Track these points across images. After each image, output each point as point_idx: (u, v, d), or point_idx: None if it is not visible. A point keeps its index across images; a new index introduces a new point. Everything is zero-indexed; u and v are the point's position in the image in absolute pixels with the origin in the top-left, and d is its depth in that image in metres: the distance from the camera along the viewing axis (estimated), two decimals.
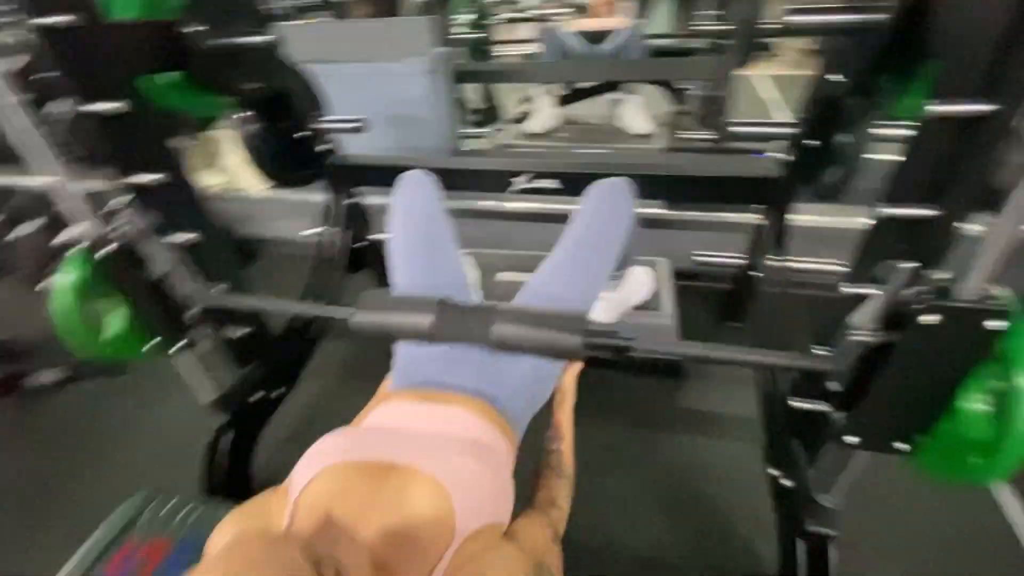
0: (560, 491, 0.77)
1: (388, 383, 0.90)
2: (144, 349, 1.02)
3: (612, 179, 1.07)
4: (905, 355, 0.66)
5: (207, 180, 2.22)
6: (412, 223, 1.03)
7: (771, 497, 1.12)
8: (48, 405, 1.73)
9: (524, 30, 3.29)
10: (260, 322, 1.32)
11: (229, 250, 1.21)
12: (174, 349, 1.05)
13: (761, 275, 1.40)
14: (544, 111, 2.71)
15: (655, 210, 1.83)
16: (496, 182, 1.49)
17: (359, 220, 1.65)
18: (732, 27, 2.05)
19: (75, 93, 0.87)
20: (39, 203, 2.05)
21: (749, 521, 1.23)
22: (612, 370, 1.60)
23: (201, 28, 1.02)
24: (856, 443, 0.77)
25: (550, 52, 2.57)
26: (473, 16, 2.74)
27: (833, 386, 0.81)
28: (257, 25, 1.14)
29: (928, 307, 0.61)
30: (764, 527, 1.14)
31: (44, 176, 0.87)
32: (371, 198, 1.65)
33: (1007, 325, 0.59)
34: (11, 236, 2.03)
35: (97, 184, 0.95)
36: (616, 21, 2.55)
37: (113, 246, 0.92)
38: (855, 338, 0.71)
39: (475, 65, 2.63)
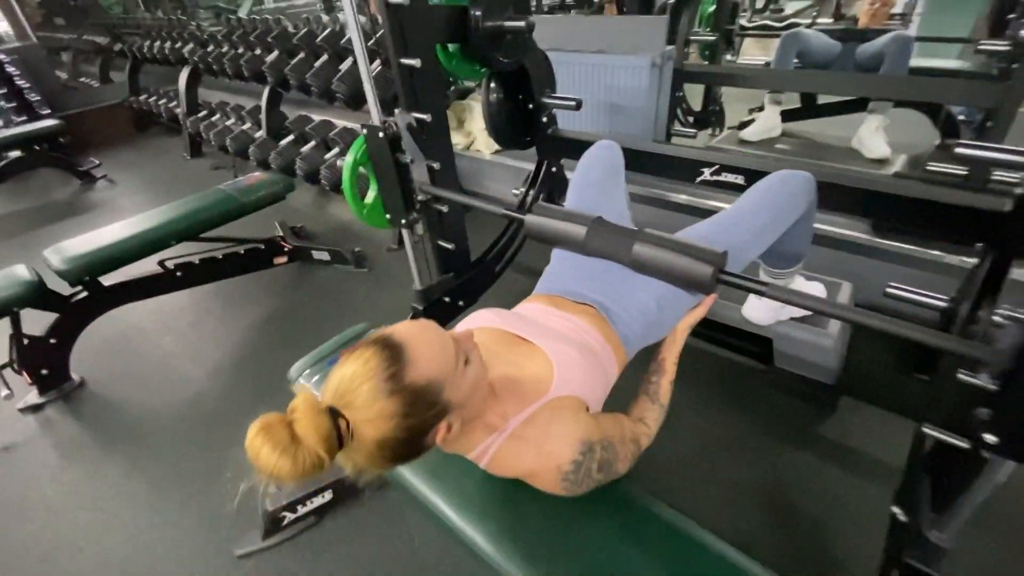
0: (650, 414, 0.91)
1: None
2: (387, 217, 1.44)
3: (795, 171, 1.11)
4: None
5: (454, 139, 2.76)
6: (590, 168, 1.24)
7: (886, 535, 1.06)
8: (318, 273, 2.46)
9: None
10: (462, 242, 1.69)
11: (454, 178, 1.59)
12: (404, 221, 1.45)
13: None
14: (764, 120, 2.63)
15: (853, 232, 1.71)
16: (683, 172, 1.60)
17: (558, 187, 1.93)
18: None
19: (398, 51, 1.29)
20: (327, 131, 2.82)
21: (849, 550, 1.17)
22: (772, 388, 1.59)
23: (479, 12, 1.37)
24: (995, 444, 0.72)
25: (783, 57, 2.47)
26: (712, 18, 2.78)
27: (985, 380, 0.75)
28: (520, 13, 1.46)
29: None
30: (861, 559, 1.09)
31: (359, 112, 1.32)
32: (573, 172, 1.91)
33: None
34: (307, 153, 2.84)
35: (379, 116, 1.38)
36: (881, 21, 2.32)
37: (381, 135, 1.33)
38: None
39: (700, 67, 2.68)
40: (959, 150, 1.09)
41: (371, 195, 1.45)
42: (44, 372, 1.79)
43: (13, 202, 3.66)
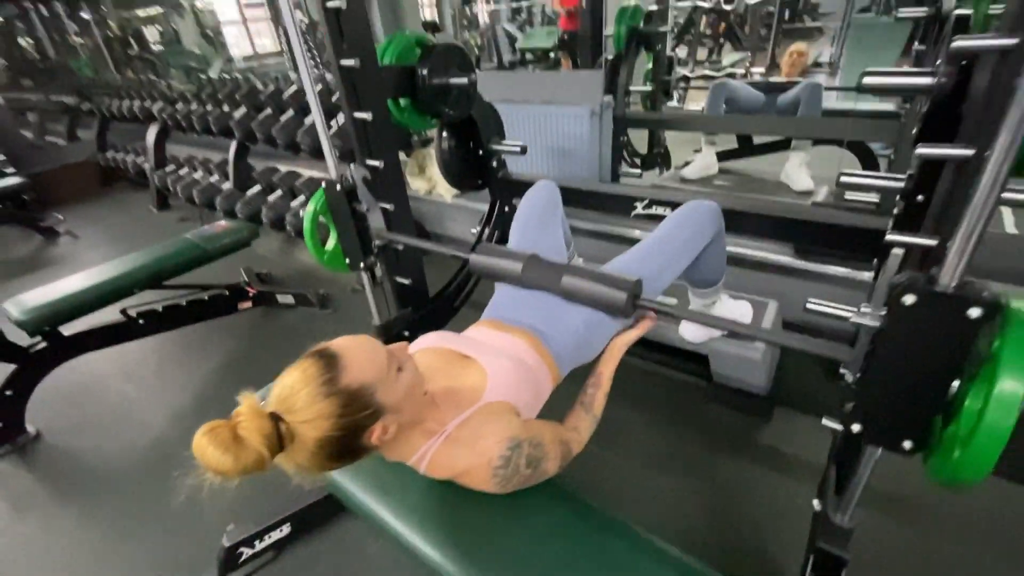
0: (583, 422, 1.00)
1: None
2: (346, 262, 1.53)
3: (702, 201, 1.26)
4: (892, 340, 0.72)
5: (416, 184, 2.91)
6: (531, 207, 1.38)
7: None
8: (284, 316, 2.51)
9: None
10: (419, 279, 1.79)
11: (409, 219, 1.70)
12: (363, 264, 1.54)
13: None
14: (702, 159, 2.87)
15: (778, 256, 1.88)
16: (619, 206, 1.76)
17: (511, 224, 2.06)
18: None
19: (351, 106, 1.42)
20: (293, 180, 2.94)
21: (783, 545, 1.25)
22: (712, 403, 1.70)
23: (426, 71, 1.53)
24: (861, 432, 0.83)
25: (713, 104, 2.74)
26: (649, 70, 3.07)
27: (849, 376, 0.88)
28: (463, 71, 1.62)
29: (904, 287, 0.67)
30: (794, 553, 1.17)
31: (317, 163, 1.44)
32: None
33: (981, 313, 0.63)
34: (273, 202, 2.94)
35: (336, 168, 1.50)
36: (797, 73, 2.61)
37: (338, 188, 1.44)
38: (861, 321, 0.80)
39: (639, 114, 2.93)
40: (843, 179, 1.26)
41: (331, 242, 1.54)
42: None
43: None
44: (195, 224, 3.55)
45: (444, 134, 1.89)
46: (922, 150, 0.77)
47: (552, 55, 6.01)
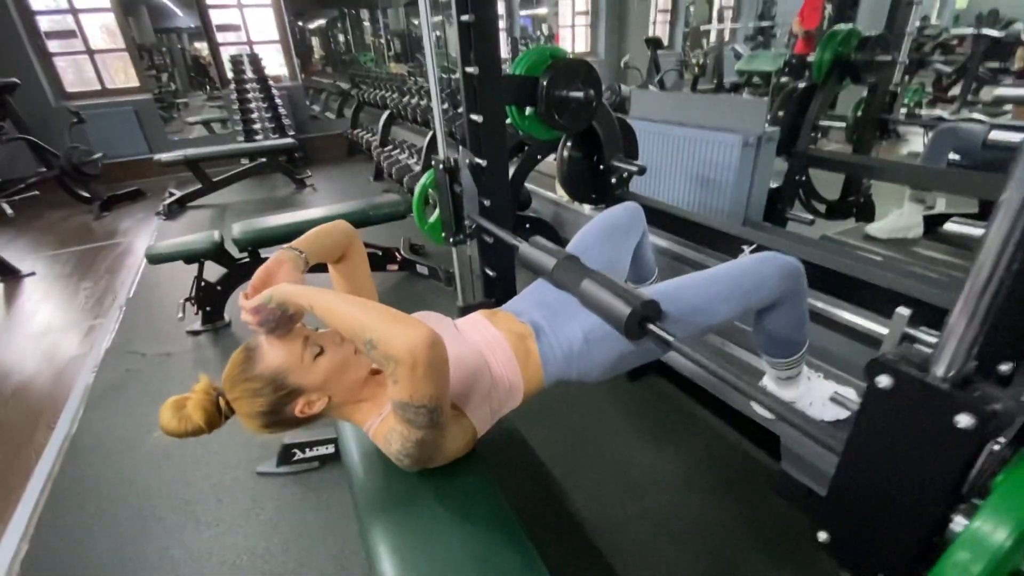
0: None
1: None
2: (442, 235, 1.73)
3: (781, 254, 1.09)
4: (864, 431, 0.58)
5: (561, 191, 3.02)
6: (603, 221, 1.36)
7: None
8: (417, 284, 2.90)
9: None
10: (508, 274, 1.90)
11: (506, 217, 1.82)
12: (452, 240, 1.72)
13: None
14: (899, 218, 2.35)
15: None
16: (728, 245, 1.60)
17: None
18: None
19: (468, 107, 1.59)
20: None
21: None
22: (779, 495, 1.46)
23: (547, 82, 1.61)
24: (828, 544, 0.67)
25: (932, 154, 2.21)
26: (863, 104, 2.60)
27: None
28: (585, 86, 1.66)
29: (881, 364, 0.53)
30: None
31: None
32: None
33: (974, 424, 0.47)
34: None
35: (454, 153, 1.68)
36: None
37: (442, 167, 1.62)
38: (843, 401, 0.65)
39: (828, 153, 2.52)
40: None
41: (433, 216, 1.76)
42: (208, 309, 2.45)
43: (249, 192, 4.95)
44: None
45: (568, 144, 1.96)
46: None
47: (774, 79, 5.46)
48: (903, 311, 0.89)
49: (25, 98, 4.37)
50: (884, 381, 0.54)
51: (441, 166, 1.63)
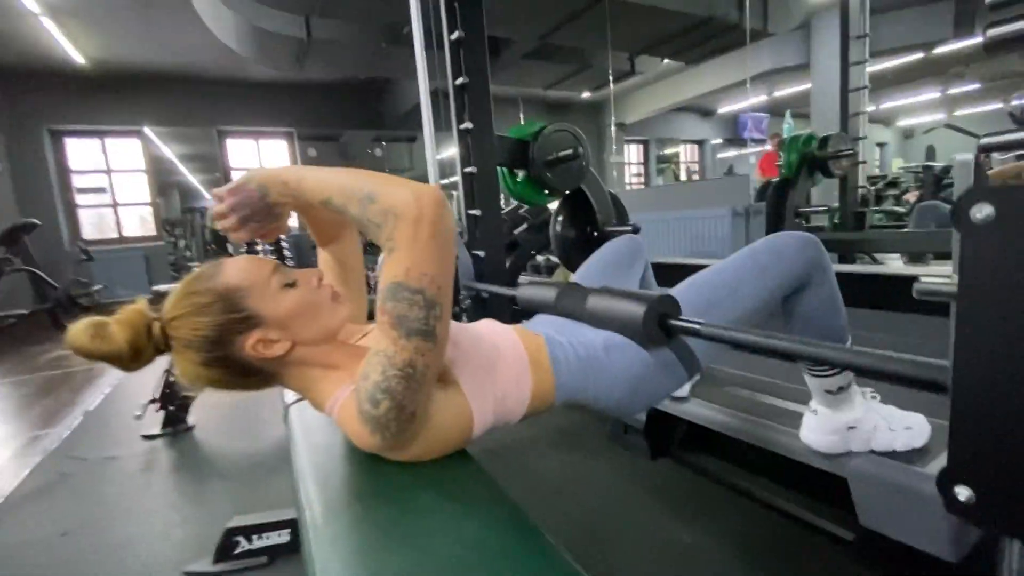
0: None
1: None
2: None
3: (791, 232, 1.01)
4: (974, 299, 0.42)
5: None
6: (605, 252, 1.29)
7: None
8: None
9: None
10: None
11: (502, 269, 1.74)
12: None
13: None
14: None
15: None
16: None
17: None
18: None
19: (462, 162, 1.65)
20: None
21: None
22: (861, 567, 1.14)
23: (537, 144, 1.70)
24: (972, 504, 0.46)
25: (921, 224, 2.26)
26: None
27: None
28: (570, 147, 1.74)
29: (967, 196, 0.41)
30: None
31: None
32: None
33: None
34: None
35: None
36: None
37: None
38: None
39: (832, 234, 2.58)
40: None
41: None
42: (171, 409, 2.20)
43: None
44: None
45: (559, 218, 1.99)
46: None
47: None
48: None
49: (41, 239, 4.59)
50: (983, 211, 0.41)
51: None
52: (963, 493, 0.47)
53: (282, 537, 1.28)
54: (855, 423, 1.09)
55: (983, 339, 0.42)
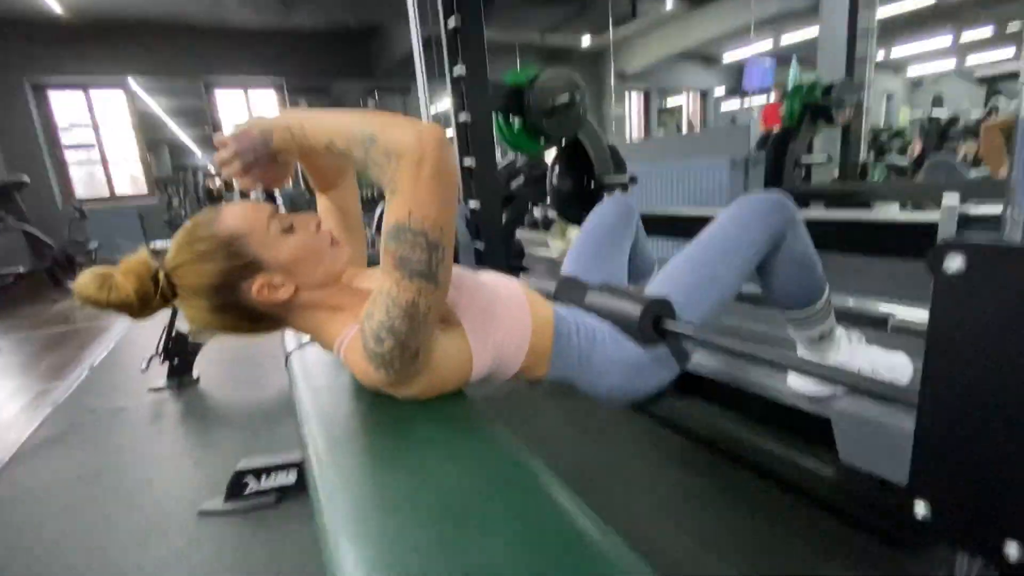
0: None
1: None
2: None
3: (760, 193, 0.99)
4: (942, 337, 0.46)
5: (555, 244, 3.00)
6: (591, 227, 1.24)
7: None
8: None
9: None
10: None
11: (501, 260, 1.74)
12: None
13: None
14: None
15: None
16: None
17: None
18: None
19: (460, 110, 1.60)
20: None
21: None
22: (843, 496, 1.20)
23: (533, 90, 1.65)
24: (927, 521, 0.50)
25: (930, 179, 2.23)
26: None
27: None
28: (567, 93, 1.70)
29: (943, 247, 0.44)
30: None
31: None
32: None
33: None
34: None
35: None
36: None
37: None
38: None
39: (813, 187, 2.55)
40: None
41: None
42: (175, 361, 2.25)
43: None
44: None
45: (556, 168, 1.96)
46: None
47: None
48: (951, 195, 0.77)
49: (34, 198, 4.53)
50: (955, 263, 0.43)
51: None
52: (920, 509, 0.50)
53: (289, 477, 1.34)
54: (840, 366, 1.12)
55: (948, 376, 0.46)
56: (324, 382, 0.89)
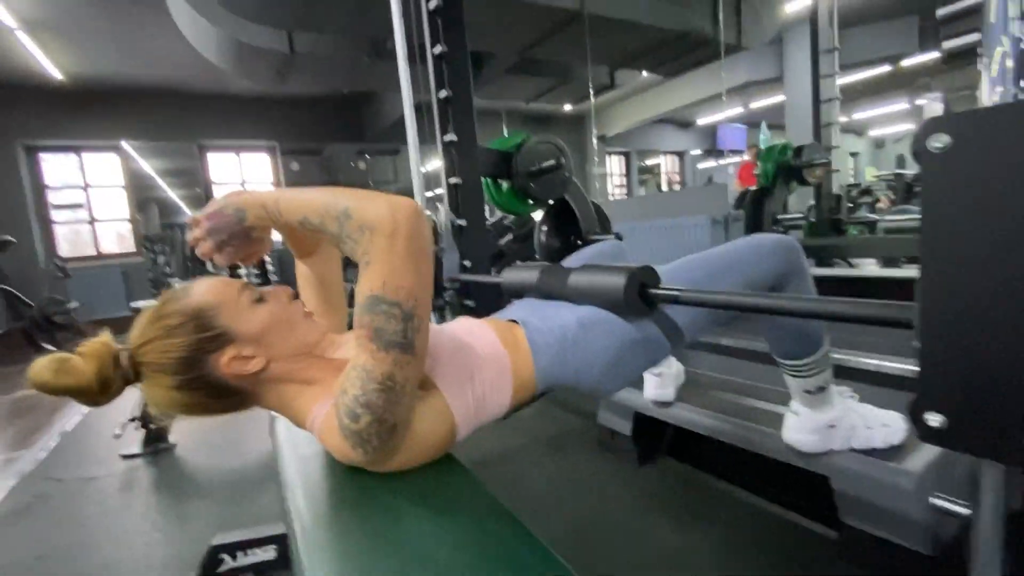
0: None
1: None
2: None
3: (771, 234, 1.05)
4: (936, 226, 0.44)
5: None
6: (589, 252, 1.30)
7: None
8: None
9: None
10: None
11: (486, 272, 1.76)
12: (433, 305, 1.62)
13: None
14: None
15: None
16: None
17: None
18: None
19: (448, 172, 1.67)
20: None
21: None
22: (844, 561, 1.16)
23: (522, 155, 1.72)
24: (944, 429, 0.47)
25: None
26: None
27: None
28: (552, 158, 1.78)
29: (926, 126, 0.43)
30: None
31: None
32: None
33: None
34: None
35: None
36: None
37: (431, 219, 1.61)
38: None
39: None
40: None
41: None
42: (152, 427, 2.16)
43: None
44: None
45: (543, 228, 2.01)
46: None
47: None
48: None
49: (16, 255, 4.48)
50: (940, 140, 0.44)
51: (431, 220, 1.64)
52: (935, 420, 0.48)
53: (268, 553, 1.26)
54: (835, 422, 1.12)
55: (947, 267, 0.44)
56: (309, 450, 0.86)
